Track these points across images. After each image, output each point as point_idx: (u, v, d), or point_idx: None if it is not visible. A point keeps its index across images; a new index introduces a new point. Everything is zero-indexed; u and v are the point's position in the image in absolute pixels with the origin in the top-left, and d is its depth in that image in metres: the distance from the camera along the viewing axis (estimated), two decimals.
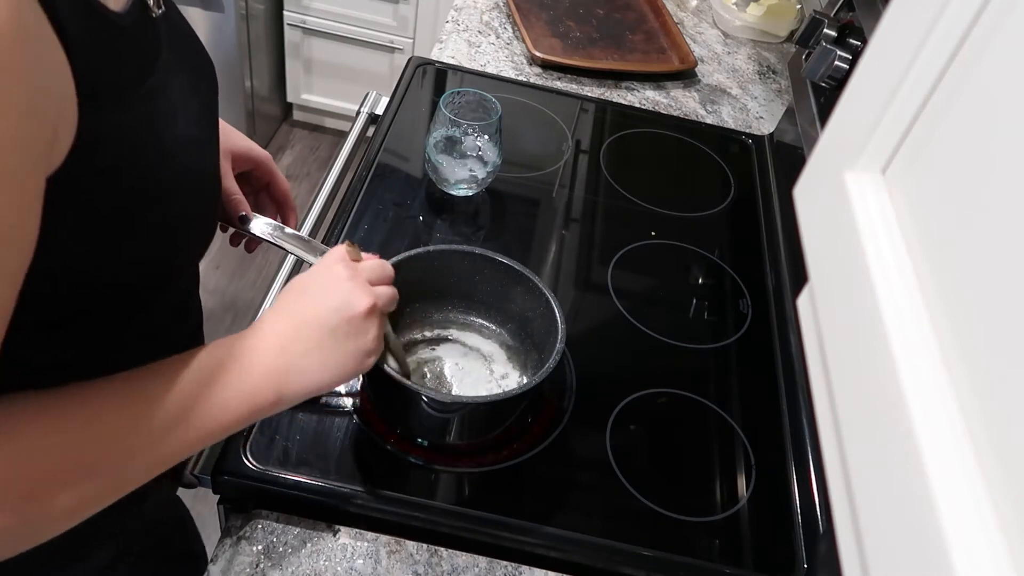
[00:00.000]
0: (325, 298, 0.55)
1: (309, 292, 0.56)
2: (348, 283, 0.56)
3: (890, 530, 0.29)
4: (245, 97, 2.26)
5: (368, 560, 0.69)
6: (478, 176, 0.98)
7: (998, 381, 0.27)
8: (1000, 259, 0.28)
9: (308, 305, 0.55)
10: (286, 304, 0.56)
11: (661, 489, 0.76)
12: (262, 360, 0.52)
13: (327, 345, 0.54)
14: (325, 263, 0.59)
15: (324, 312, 0.55)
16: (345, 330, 0.55)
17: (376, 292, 0.58)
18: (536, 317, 0.78)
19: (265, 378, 0.52)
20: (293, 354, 0.53)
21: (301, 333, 0.54)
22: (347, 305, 0.55)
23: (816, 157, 0.44)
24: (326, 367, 0.54)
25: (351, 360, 0.56)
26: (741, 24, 1.46)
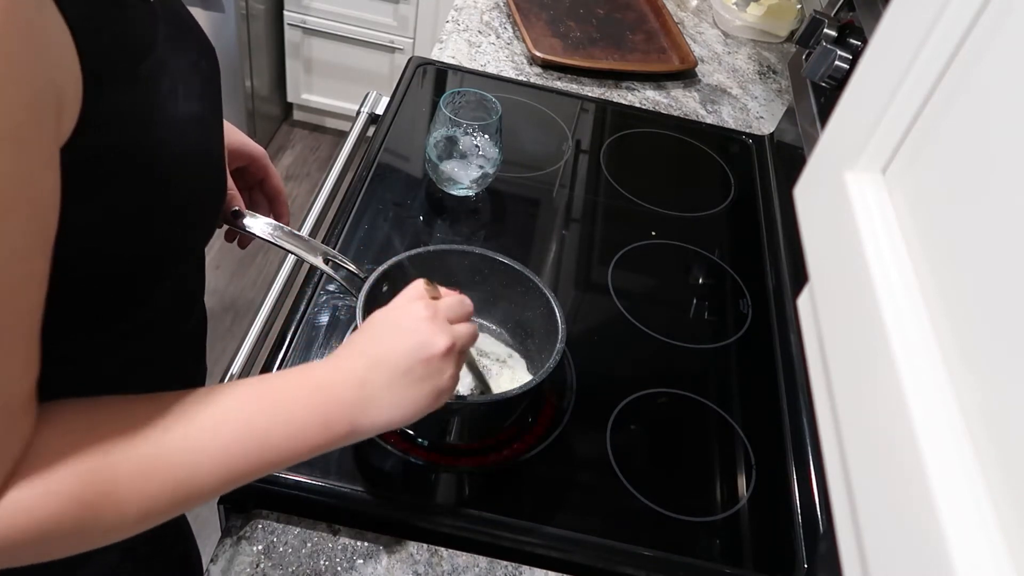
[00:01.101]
0: (403, 339, 0.55)
1: (388, 332, 0.56)
2: (426, 323, 0.56)
3: (890, 530, 0.29)
4: (245, 97, 2.26)
5: (368, 560, 0.69)
6: (478, 176, 0.98)
7: (998, 381, 0.27)
8: (1000, 259, 0.28)
9: (385, 345, 0.55)
10: (363, 341, 0.56)
11: (661, 489, 0.76)
12: (340, 393, 0.53)
13: (402, 385, 0.54)
14: (403, 300, 0.59)
15: (401, 353, 0.55)
16: (421, 372, 0.55)
17: (455, 331, 0.57)
18: (536, 317, 0.78)
19: (341, 409, 0.52)
20: (368, 389, 0.53)
21: (378, 371, 0.54)
22: (424, 347, 0.55)
23: (816, 157, 0.44)
24: (400, 406, 0.54)
25: (425, 400, 0.55)
26: (741, 24, 1.46)
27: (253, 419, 0.49)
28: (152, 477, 0.45)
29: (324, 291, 0.87)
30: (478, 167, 0.97)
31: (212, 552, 0.69)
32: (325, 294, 0.87)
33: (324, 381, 0.53)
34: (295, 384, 0.52)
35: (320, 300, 0.86)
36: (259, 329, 0.82)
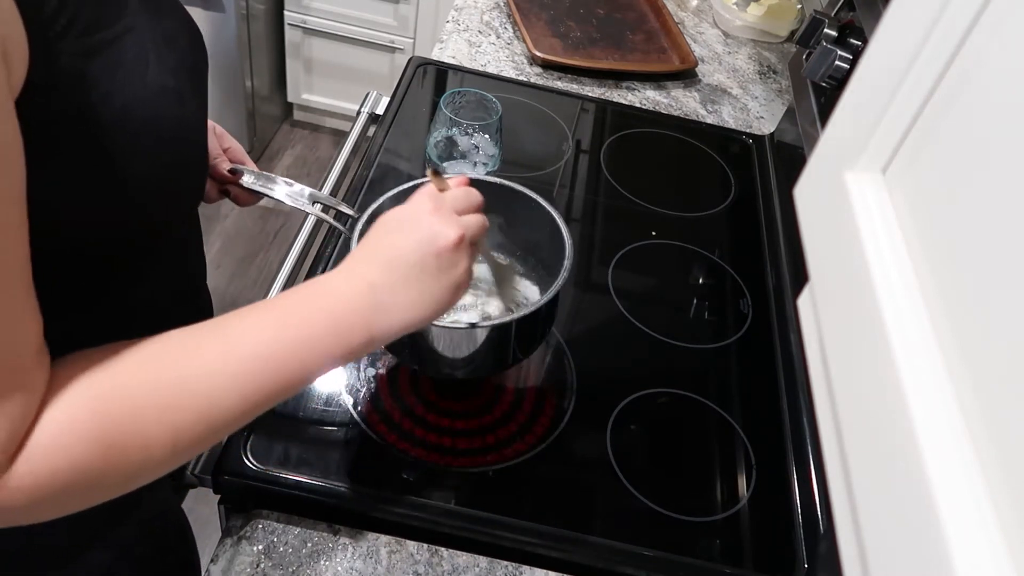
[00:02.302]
0: (410, 233, 0.54)
1: (393, 229, 0.55)
2: (433, 216, 0.54)
3: (890, 530, 0.29)
4: (245, 97, 2.26)
5: (368, 560, 0.69)
6: (478, 176, 0.98)
7: (998, 381, 0.27)
8: (1000, 258, 0.28)
9: (393, 242, 0.54)
10: (371, 243, 0.55)
11: (661, 489, 0.76)
12: (350, 300, 0.51)
13: (416, 281, 0.53)
14: (413, 198, 0.57)
15: (410, 248, 0.53)
16: (434, 265, 0.53)
17: (464, 222, 0.56)
18: (544, 239, 0.77)
19: (355, 317, 0.51)
20: (382, 292, 0.52)
21: (388, 271, 0.53)
22: (433, 239, 0.53)
23: (816, 157, 0.44)
24: (416, 304, 0.53)
25: (442, 295, 0.54)
26: (741, 24, 1.46)
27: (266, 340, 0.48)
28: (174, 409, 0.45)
29: None
30: (478, 167, 0.97)
31: (213, 552, 0.69)
32: None
33: (334, 291, 0.52)
34: (305, 299, 0.51)
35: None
36: None
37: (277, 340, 0.48)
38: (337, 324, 0.50)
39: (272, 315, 0.50)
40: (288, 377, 0.49)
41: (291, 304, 0.51)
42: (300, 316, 0.50)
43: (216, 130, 0.76)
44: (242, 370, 0.47)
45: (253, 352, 0.47)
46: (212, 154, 0.74)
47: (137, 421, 0.43)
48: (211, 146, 0.74)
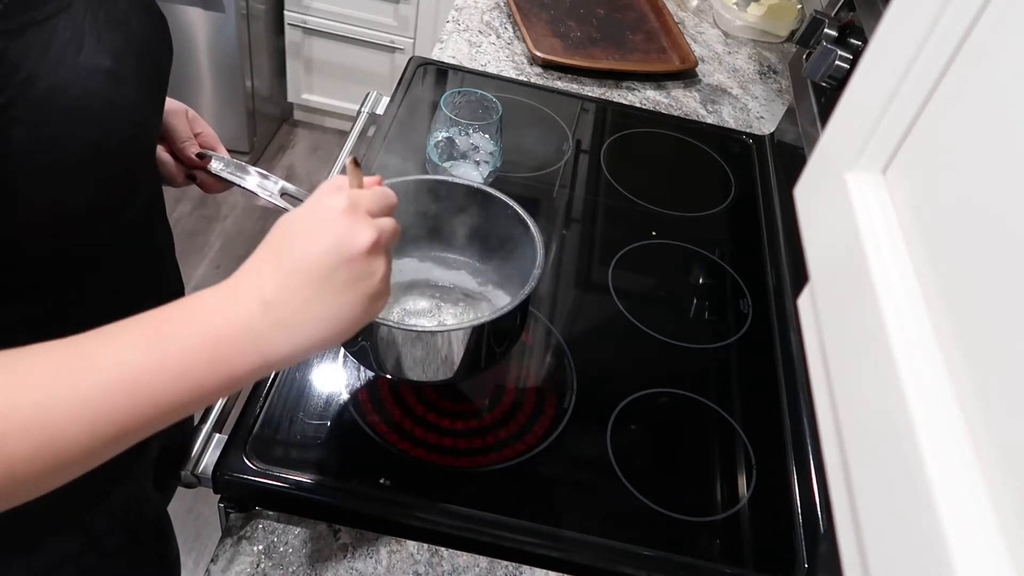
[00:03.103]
0: (317, 238, 0.46)
1: (297, 233, 0.47)
2: (345, 217, 0.47)
3: (891, 530, 0.29)
4: (246, 97, 2.26)
5: (369, 560, 0.69)
6: (479, 176, 0.98)
7: (999, 381, 0.27)
8: (1000, 258, 0.28)
9: (297, 248, 0.46)
10: (271, 249, 0.47)
11: (662, 489, 0.76)
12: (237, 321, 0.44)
13: (324, 295, 0.45)
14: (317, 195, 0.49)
15: (316, 255, 0.46)
16: (345, 275, 0.46)
17: (379, 224, 0.48)
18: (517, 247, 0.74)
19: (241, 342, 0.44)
20: (280, 309, 0.44)
21: (289, 284, 0.45)
22: (345, 244, 0.46)
23: (817, 157, 0.44)
24: (324, 320, 0.46)
25: (355, 308, 0.47)
26: (742, 24, 1.46)
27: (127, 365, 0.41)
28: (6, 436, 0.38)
29: None
30: (478, 167, 0.97)
31: (213, 552, 0.69)
32: None
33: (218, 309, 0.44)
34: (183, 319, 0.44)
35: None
36: None
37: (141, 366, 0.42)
38: (217, 351, 0.43)
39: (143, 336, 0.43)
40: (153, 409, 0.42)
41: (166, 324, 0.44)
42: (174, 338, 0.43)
43: (188, 114, 0.74)
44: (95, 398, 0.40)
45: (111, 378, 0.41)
46: (181, 137, 0.73)
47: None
48: (180, 129, 0.73)
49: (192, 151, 0.73)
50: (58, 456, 0.40)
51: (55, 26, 0.47)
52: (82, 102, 0.48)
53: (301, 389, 0.78)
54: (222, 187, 0.76)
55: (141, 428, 0.42)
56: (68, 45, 0.47)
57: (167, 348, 0.42)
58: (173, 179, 0.76)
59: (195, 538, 1.63)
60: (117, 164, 0.54)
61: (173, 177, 0.75)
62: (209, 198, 2.28)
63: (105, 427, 0.41)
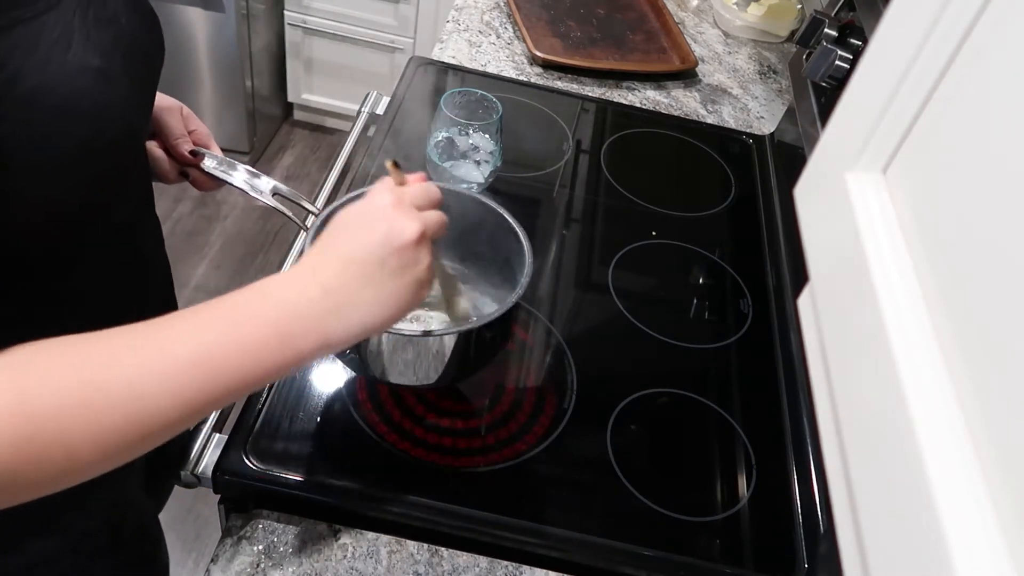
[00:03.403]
0: (370, 230, 0.51)
1: (352, 224, 0.52)
2: (393, 211, 0.52)
3: (891, 530, 0.29)
4: (246, 97, 2.26)
5: (369, 560, 0.69)
6: (479, 176, 0.98)
7: (999, 380, 0.27)
8: (1001, 258, 0.28)
9: (352, 240, 0.51)
10: (328, 241, 0.52)
11: (662, 489, 0.76)
12: (300, 304, 0.48)
13: (377, 281, 0.50)
14: (370, 194, 0.55)
15: (370, 245, 0.51)
16: (396, 263, 0.51)
17: (424, 218, 0.53)
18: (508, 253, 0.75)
19: (306, 323, 0.48)
20: (338, 295, 0.49)
21: (347, 272, 0.50)
22: (394, 235, 0.51)
23: (817, 157, 0.44)
24: (377, 304, 0.50)
25: (405, 293, 0.51)
26: (742, 24, 1.46)
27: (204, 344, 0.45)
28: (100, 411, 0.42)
29: None
30: (479, 167, 0.97)
31: (213, 552, 0.69)
32: None
33: (283, 294, 0.49)
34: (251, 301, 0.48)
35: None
36: None
37: (217, 344, 0.46)
38: (284, 331, 0.47)
39: (214, 317, 0.47)
40: (228, 383, 0.46)
41: (236, 306, 0.48)
42: (244, 320, 0.47)
43: (182, 111, 0.75)
44: (176, 373, 0.44)
45: (190, 356, 0.45)
46: (174, 134, 0.73)
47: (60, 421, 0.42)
48: (174, 126, 0.73)
49: (185, 148, 0.74)
50: (145, 425, 0.44)
51: (44, 24, 0.47)
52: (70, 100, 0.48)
53: (301, 389, 0.78)
54: (214, 185, 0.77)
55: (217, 401, 0.46)
56: (57, 43, 0.47)
57: (240, 330, 0.46)
58: (166, 176, 0.76)
59: (195, 538, 1.63)
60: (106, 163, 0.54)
61: (166, 174, 0.75)
62: (209, 198, 2.28)
63: (188, 400, 0.45)
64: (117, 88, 0.53)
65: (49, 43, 0.47)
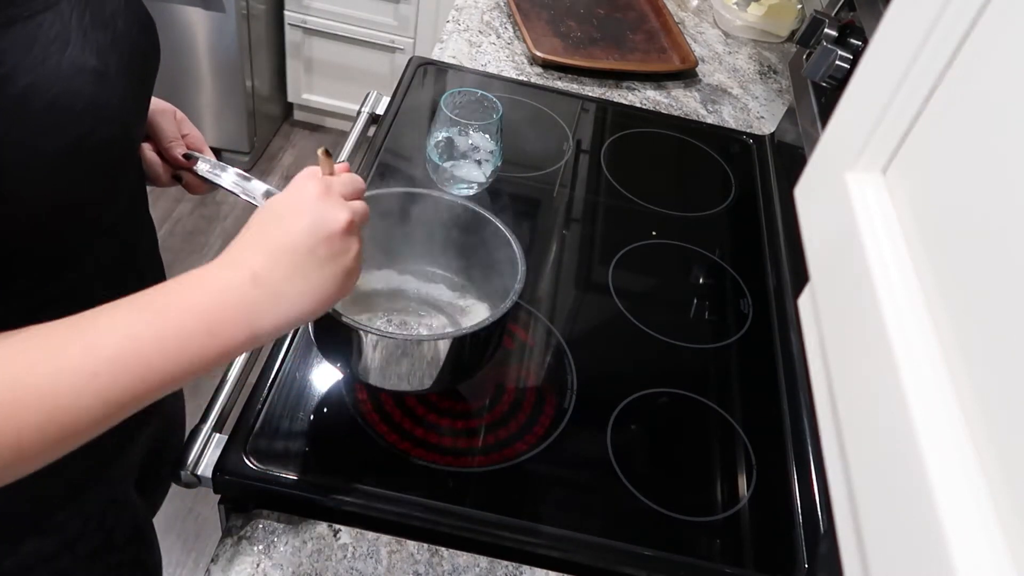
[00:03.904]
0: (298, 218, 0.51)
1: (279, 215, 0.52)
2: (321, 201, 0.52)
3: (891, 530, 0.29)
4: (246, 97, 2.26)
5: (369, 560, 0.69)
6: (479, 176, 0.98)
7: (999, 380, 0.27)
8: (1001, 258, 0.28)
9: (280, 228, 0.51)
10: (255, 230, 0.52)
11: (662, 489, 0.76)
12: (229, 295, 0.48)
13: (307, 270, 0.50)
14: (295, 183, 0.55)
15: (298, 234, 0.50)
16: (324, 252, 0.51)
17: (352, 206, 0.54)
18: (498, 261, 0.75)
19: (233, 313, 0.48)
20: (267, 285, 0.49)
21: (275, 261, 0.49)
22: (323, 223, 0.51)
23: (817, 157, 0.44)
24: (305, 294, 0.50)
25: (333, 283, 0.52)
26: (742, 24, 1.46)
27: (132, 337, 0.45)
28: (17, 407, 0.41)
29: None
30: (479, 167, 0.97)
31: (213, 552, 0.69)
32: None
33: (211, 285, 0.48)
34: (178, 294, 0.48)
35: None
36: None
37: (143, 338, 0.45)
38: (212, 322, 0.47)
39: (141, 311, 0.46)
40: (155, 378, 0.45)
41: (162, 299, 0.47)
42: (171, 312, 0.46)
43: (176, 115, 0.75)
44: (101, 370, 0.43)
45: (115, 351, 0.44)
46: (168, 137, 0.73)
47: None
48: (167, 129, 0.73)
49: (179, 152, 0.74)
50: (65, 426, 0.43)
51: (41, 23, 0.47)
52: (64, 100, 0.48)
53: (301, 389, 0.78)
54: (206, 188, 0.77)
55: (143, 396, 0.45)
56: (53, 43, 0.47)
57: (165, 322, 0.46)
58: (159, 179, 0.76)
59: (195, 538, 1.63)
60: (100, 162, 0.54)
61: (158, 176, 0.75)
62: (209, 198, 2.28)
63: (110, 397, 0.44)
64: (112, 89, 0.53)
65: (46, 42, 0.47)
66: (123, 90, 0.55)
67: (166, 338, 0.45)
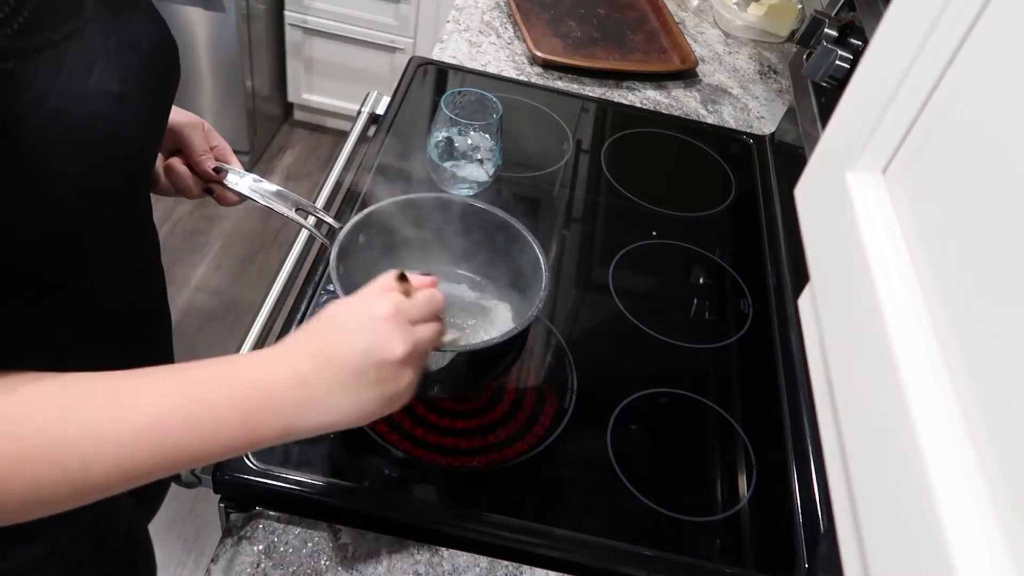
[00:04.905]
0: (357, 337, 0.51)
1: (341, 326, 0.52)
2: (385, 324, 0.52)
3: (891, 530, 0.29)
4: (246, 97, 2.26)
5: (369, 560, 0.69)
6: (479, 176, 0.98)
7: (999, 380, 0.27)
8: (1000, 258, 0.28)
9: (337, 341, 0.51)
10: (313, 333, 0.52)
11: (662, 489, 0.76)
12: (275, 394, 0.48)
13: (351, 388, 0.50)
14: (367, 292, 0.54)
15: (353, 352, 0.50)
16: (374, 376, 0.51)
17: (416, 334, 0.53)
18: (522, 267, 0.76)
19: (273, 413, 0.48)
20: (312, 391, 0.49)
21: (324, 371, 0.50)
22: (379, 349, 0.51)
23: (817, 157, 0.44)
24: (344, 409, 0.51)
25: (373, 405, 0.52)
26: (742, 24, 1.46)
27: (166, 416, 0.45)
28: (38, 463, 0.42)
29: (325, 291, 0.87)
30: (479, 167, 0.97)
31: (213, 552, 0.69)
32: (326, 294, 0.87)
33: (258, 380, 0.48)
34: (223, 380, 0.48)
35: (321, 300, 0.86)
36: (259, 329, 0.82)
37: (175, 416, 0.45)
38: (250, 415, 0.47)
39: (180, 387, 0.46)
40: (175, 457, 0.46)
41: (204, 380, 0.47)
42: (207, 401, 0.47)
43: (204, 127, 0.75)
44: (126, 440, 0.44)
45: (145, 424, 0.44)
46: (198, 151, 0.73)
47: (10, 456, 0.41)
48: (197, 142, 0.73)
49: (209, 165, 0.74)
50: (83, 485, 0.44)
51: (68, 48, 0.47)
52: (86, 124, 0.48)
53: None
54: (238, 201, 0.77)
55: (163, 471, 0.46)
56: (79, 67, 0.47)
57: (199, 409, 0.46)
58: (189, 191, 0.76)
59: (195, 538, 1.63)
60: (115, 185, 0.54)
61: (188, 189, 0.76)
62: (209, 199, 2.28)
63: (131, 467, 0.44)
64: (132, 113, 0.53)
65: (72, 66, 0.47)
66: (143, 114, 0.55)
67: (194, 426, 0.46)
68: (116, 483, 0.45)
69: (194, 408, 0.46)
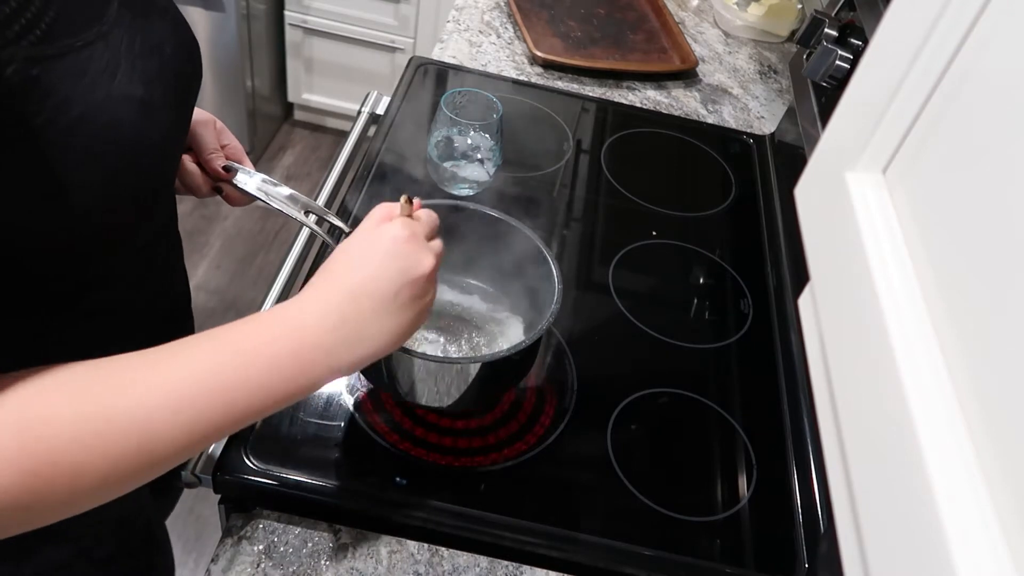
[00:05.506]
0: (386, 264, 0.53)
1: (364, 259, 0.53)
2: (409, 244, 0.54)
3: (891, 529, 0.29)
4: (246, 97, 2.26)
5: (369, 560, 0.69)
6: (479, 176, 0.98)
7: (999, 380, 0.27)
8: (1001, 258, 0.28)
9: (366, 273, 0.52)
10: (344, 271, 0.53)
11: (662, 489, 0.76)
12: (317, 335, 0.50)
13: (389, 312, 0.52)
14: (374, 222, 0.56)
15: (383, 279, 0.52)
16: (408, 295, 0.53)
17: (434, 249, 0.56)
18: (534, 277, 0.76)
19: (317, 353, 0.50)
20: (353, 325, 0.51)
21: (360, 303, 0.51)
22: (411, 268, 0.53)
23: (817, 157, 0.44)
24: (382, 334, 0.52)
25: (409, 324, 0.54)
26: (742, 24, 1.46)
27: (219, 373, 0.47)
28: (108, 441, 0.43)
29: None
30: (479, 167, 0.97)
31: (213, 552, 0.69)
32: None
33: (298, 323, 0.50)
34: (266, 330, 0.49)
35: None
36: None
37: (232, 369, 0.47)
38: (298, 364, 0.49)
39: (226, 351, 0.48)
40: (236, 416, 0.47)
41: (245, 340, 0.49)
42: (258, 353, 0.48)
43: (216, 125, 0.75)
44: (187, 402, 0.45)
45: (201, 390, 0.46)
46: (208, 149, 0.73)
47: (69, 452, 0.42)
48: (208, 140, 0.73)
49: (219, 164, 0.74)
50: (154, 454, 0.45)
51: (92, 53, 0.47)
52: (110, 130, 0.48)
53: None
54: (247, 200, 0.77)
55: (226, 429, 0.48)
56: (103, 72, 0.47)
57: (249, 363, 0.48)
58: (198, 190, 0.76)
59: (195, 538, 1.63)
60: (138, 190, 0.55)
61: (198, 188, 0.76)
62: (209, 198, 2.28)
63: (195, 430, 0.46)
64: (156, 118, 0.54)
65: (96, 72, 0.47)
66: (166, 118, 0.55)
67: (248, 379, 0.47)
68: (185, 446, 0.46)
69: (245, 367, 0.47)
